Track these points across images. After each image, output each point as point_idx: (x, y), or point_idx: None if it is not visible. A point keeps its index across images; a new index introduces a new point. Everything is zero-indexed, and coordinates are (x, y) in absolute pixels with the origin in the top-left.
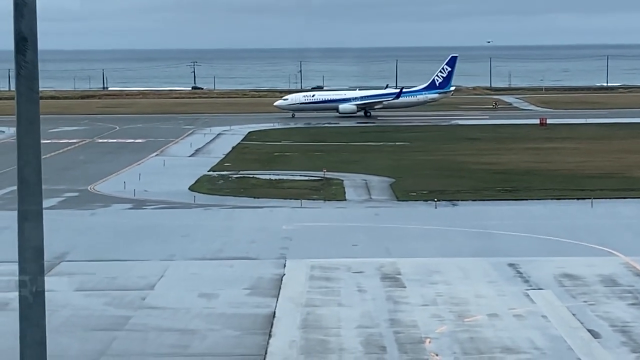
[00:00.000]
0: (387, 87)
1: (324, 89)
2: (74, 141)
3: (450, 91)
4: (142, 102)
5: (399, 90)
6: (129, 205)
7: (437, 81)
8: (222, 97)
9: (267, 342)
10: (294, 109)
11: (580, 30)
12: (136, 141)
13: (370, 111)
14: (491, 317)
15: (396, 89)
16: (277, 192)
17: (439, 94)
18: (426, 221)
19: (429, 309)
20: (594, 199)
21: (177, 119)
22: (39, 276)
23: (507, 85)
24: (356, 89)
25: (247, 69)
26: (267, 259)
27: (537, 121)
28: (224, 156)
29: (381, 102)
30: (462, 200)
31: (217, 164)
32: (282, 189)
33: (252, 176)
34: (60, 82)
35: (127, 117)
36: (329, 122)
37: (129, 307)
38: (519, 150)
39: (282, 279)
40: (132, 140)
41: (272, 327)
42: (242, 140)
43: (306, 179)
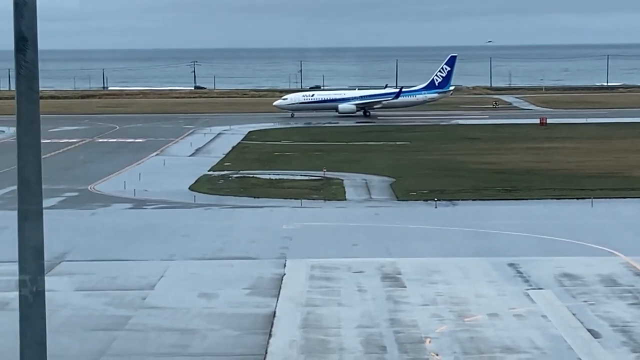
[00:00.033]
0: (386, 86)
1: (321, 88)
2: (74, 141)
3: (449, 91)
4: (142, 102)
5: (399, 90)
6: (129, 205)
7: (437, 81)
8: (222, 97)
9: (267, 342)
10: (293, 109)
11: (580, 30)
12: (136, 141)
13: (369, 111)
14: (491, 316)
15: (396, 88)
16: (277, 191)
17: (438, 93)
18: (426, 221)
19: (429, 308)
20: (594, 198)
21: (177, 119)
22: (39, 276)
23: (507, 84)
24: (355, 89)
25: (247, 69)
26: (267, 258)
27: (537, 121)
28: (224, 156)
29: (380, 101)
30: (462, 200)
31: (217, 163)
32: (282, 189)
33: (252, 176)
34: (60, 82)
35: (127, 117)
36: (329, 122)
37: (129, 307)
38: (519, 150)
39: (282, 279)
40: (132, 139)
41: (272, 326)
42: (242, 139)
43: (306, 178)
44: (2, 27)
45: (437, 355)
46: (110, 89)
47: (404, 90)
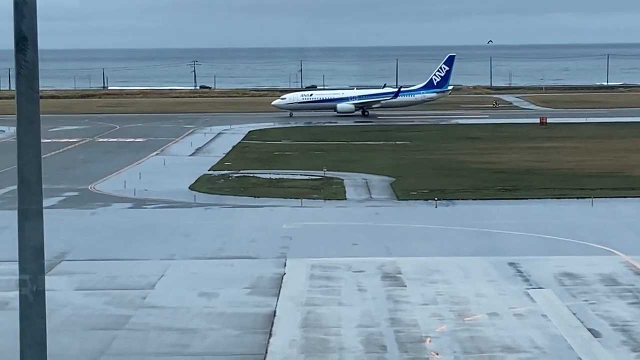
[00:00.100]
0: (384, 86)
1: (317, 88)
2: (74, 140)
3: (448, 90)
4: (143, 102)
5: (397, 89)
6: (129, 204)
7: (435, 80)
8: (223, 97)
9: (268, 341)
10: (291, 108)
11: (580, 29)
12: (136, 140)
13: (368, 110)
14: (491, 316)
15: (394, 88)
16: (278, 191)
17: (437, 93)
18: (426, 220)
19: (429, 308)
20: (594, 198)
21: (178, 118)
22: (39, 275)
23: (507, 84)
24: (354, 88)
25: (247, 69)
26: (267, 258)
27: (537, 120)
28: (224, 155)
29: (379, 101)
30: (463, 199)
31: (218, 163)
32: (282, 188)
33: (252, 175)
34: (60, 82)
35: (127, 117)
36: (328, 122)
37: (129, 307)
38: (519, 149)
39: (282, 278)
40: (133, 139)
41: (272, 326)
42: (242, 139)
43: (306, 178)
44: (2, 27)
45: (437, 354)
46: (110, 88)
47: (402, 89)
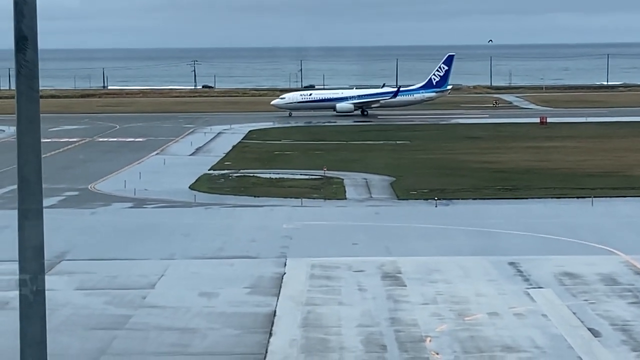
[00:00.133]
0: (383, 86)
1: (315, 87)
2: (74, 140)
3: (447, 90)
4: (143, 101)
5: (396, 89)
6: (130, 204)
7: (434, 80)
8: (223, 96)
9: (268, 341)
10: (291, 108)
11: (580, 29)
12: (136, 140)
13: (367, 110)
14: (491, 315)
15: (393, 88)
16: (278, 190)
17: (436, 92)
18: (426, 220)
19: (430, 307)
20: (594, 197)
21: (178, 118)
22: (39, 275)
23: (507, 84)
24: (353, 88)
25: (247, 68)
26: (267, 257)
27: (538, 120)
28: (225, 155)
29: (378, 101)
30: (463, 199)
31: (218, 162)
32: (282, 188)
33: (252, 175)
34: (60, 81)
35: (127, 116)
36: (328, 121)
37: (130, 306)
38: (519, 149)
39: (282, 278)
40: (133, 139)
41: (272, 325)
42: (242, 139)
43: (306, 177)
44: (2, 27)
45: (437, 354)
46: (110, 88)
47: (401, 89)
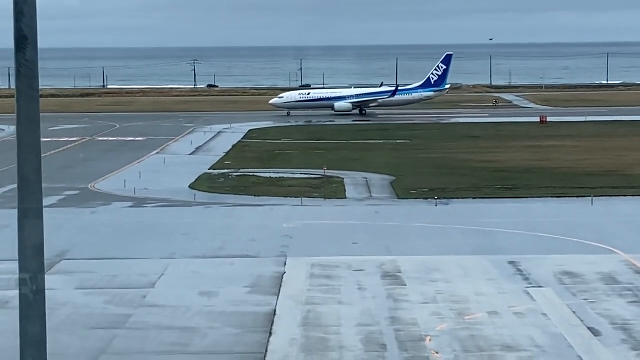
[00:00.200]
0: (382, 85)
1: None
2: (74, 139)
3: (445, 89)
4: (143, 100)
5: (395, 88)
6: (130, 203)
7: (433, 79)
8: (223, 95)
9: (268, 340)
10: (289, 107)
11: (580, 28)
12: (136, 139)
13: (365, 109)
14: (491, 314)
15: (392, 87)
16: (278, 190)
17: (435, 92)
18: (426, 219)
19: (430, 306)
20: (594, 196)
21: (178, 117)
22: (39, 274)
23: (507, 83)
24: (351, 87)
25: (247, 67)
26: (267, 257)
27: (538, 119)
28: (225, 154)
29: (376, 100)
30: (463, 198)
31: (218, 162)
32: (282, 187)
33: (252, 174)
34: (60, 80)
35: (127, 115)
36: (329, 121)
37: (130, 306)
38: (519, 148)
39: (282, 277)
40: (133, 138)
41: (272, 325)
42: (242, 138)
43: (306, 177)
44: (2, 26)
45: (437, 353)
46: (110, 87)
47: (400, 88)
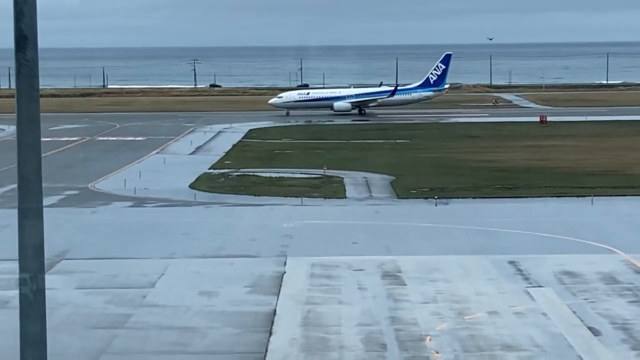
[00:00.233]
0: (381, 84)
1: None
2: (74, 139)
3: (444, 89)
4: (142, 100)
5: (394, 88)
6: (130, 203)
7: (432, 79)
8: (223, 95)
9: (268, 340)
10: (288, 107)
11: (580, 27)
12: (136, 139)
13: (364, 109)
14: (491, 314)
15: (391, 87)
16: (278, 189)
17: (434, 91)
18: (426, 219)
19: (430, 306)
20: (594, 196)
21: (177, 117)
22: (39, 274)
23: (507, 82)
24: (350, 87)
25: (247, 67)
26: (267, 256)
27: (537, 119)
28: (225, 154)
29: (375, 100)
30: (463, 197)
31: (218, 161)
32: (282, 187)
33: (252, 174)
34: (60, 80)
35: (127, 115)
36: (328, 120)
37: (130, 305)
38: (519, 147)
39: (282, 277)
40: (133, 138)
41: (272, 324)
42: (242, 138)
43: (306, 176)
44: (2, 26)
45: (437, 353)
46: (110, 87)
47: (399, 88)
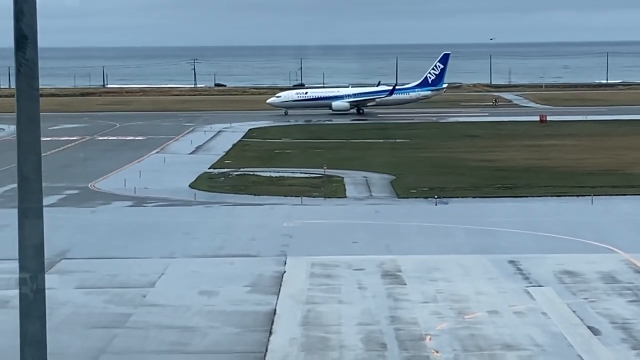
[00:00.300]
0: (379, 84)
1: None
2: (74, 138)
3: (442, 88)
4: (142, 100)
5: (392, 87)
6: (130, 202)
7: (430, 78)
8: (222, 95)
9: (268, 340)
10: (286, 107)
11: (580, 27)
12: (136, 138)
13: (363, 108)
14: (491, 314)
15: (389, 86)
16: (278, 189)
17: (432, 91)
18: (426, 218)
19: (429, 306)
20: (594, 196)
21: (177, 117)
22: (39, 274)
23: (507, 82)
24: (348, 86)
25: (246, 67)
26: (267, 256)
27: (537, 118)
28: (225, 153)
29: (374, 99)
30: (463, 197)
31: (218, 161)
32: (282, 186)
33: (252, 173)
34: (60, 80)
35: (127, 115)
36: (328, 120)
37: (130, 305)
38: (519, 147)
39: (282, 277)
40: (133, 137)
41: (272, 324)
42: (242, 137)
43: (306, 176)
44: (2, 25)
45: (437, 352)
46: (110, 86)
47: (397, 87)
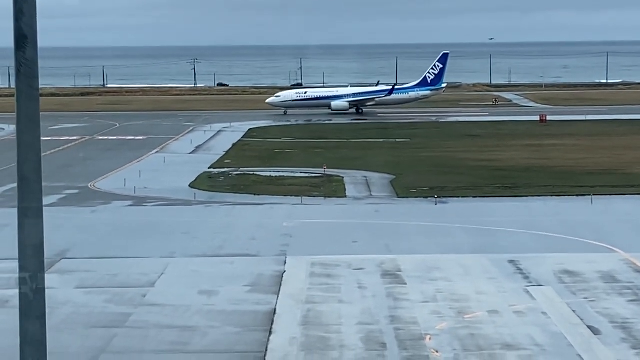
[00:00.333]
0: (378, 84)
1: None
2: (74, 138)
3: (442, 88)
4: (142, 99)
5: (391, 87)
6: (130, 202)
7: (429, 78)
8: (222, 94)
9: (268, 339)
10: (286, 106)
11: (580, 27)
12: (136, 138)
13: (362, 108)
14: (491, 313)
15: (389, 86)
16: (278, 189)
17: (431, 91)
18: (426, 218)
19: (429, 305)
20: (594, 195)
21: (177, 116)
22: (39, 273)
23: (507, 82)
24: (348, 86)
25: (247, 66)
26: (267, 255)
27: (537, 118)
28: (225, 153)
29: (373, 99)
30: (463, 196)
31: (218, 161)
32: (282, 186)
33: (252, 173)
34: (60, 79)
35: (127, 114)
36: (328, 119)
37: (130, 305)
38: (519, 147)
39: (282, 276)
40: (133, 137)
41: (272, 324)
42: (242, 137)
43: (306, 175)
44: (2, 25)
45: (437, 352)
46: (110, 86)
47: (396, 87)
